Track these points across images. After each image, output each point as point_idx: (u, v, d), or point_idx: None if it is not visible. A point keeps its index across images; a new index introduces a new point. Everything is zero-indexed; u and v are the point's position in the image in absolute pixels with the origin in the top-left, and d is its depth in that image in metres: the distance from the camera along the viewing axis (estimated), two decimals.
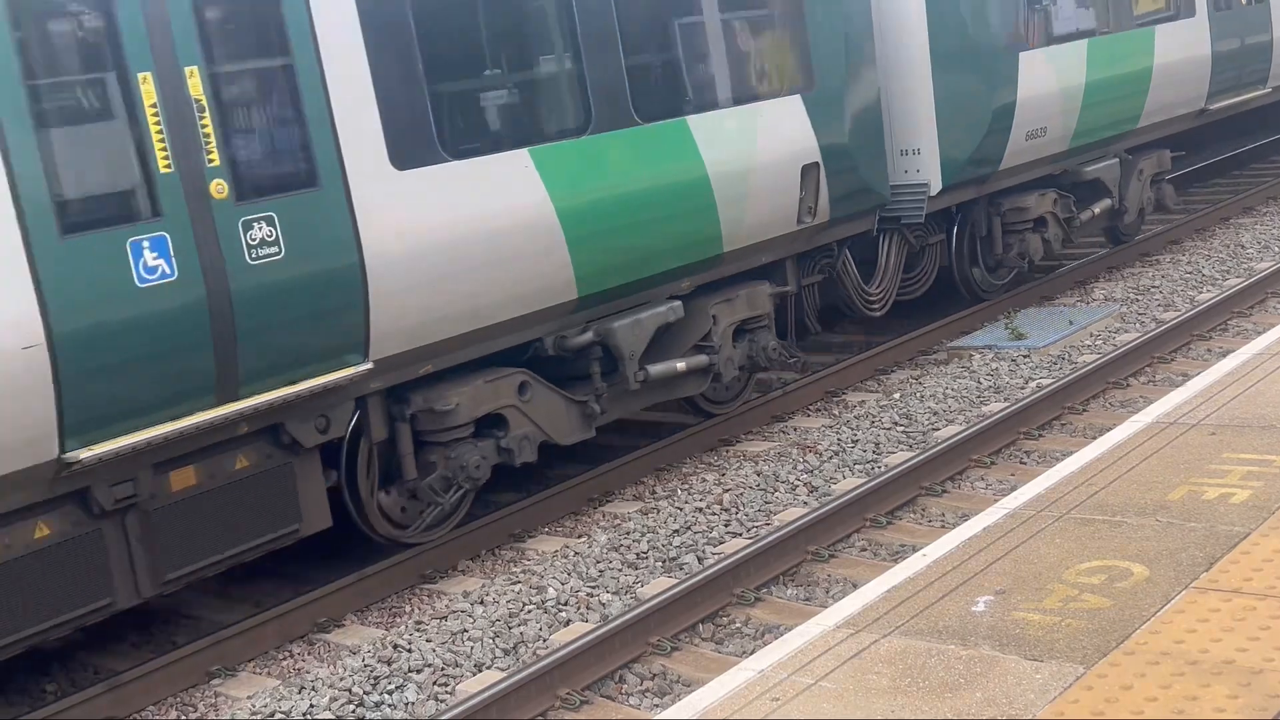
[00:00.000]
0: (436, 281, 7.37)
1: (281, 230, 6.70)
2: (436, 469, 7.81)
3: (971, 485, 8.67)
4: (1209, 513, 4.98)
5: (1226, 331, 11.12)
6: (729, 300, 9.51)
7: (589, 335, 8.54)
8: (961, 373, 10.88)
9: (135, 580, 6.51)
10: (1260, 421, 5.91)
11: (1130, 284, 12.99)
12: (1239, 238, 14.39)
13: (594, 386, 8.66)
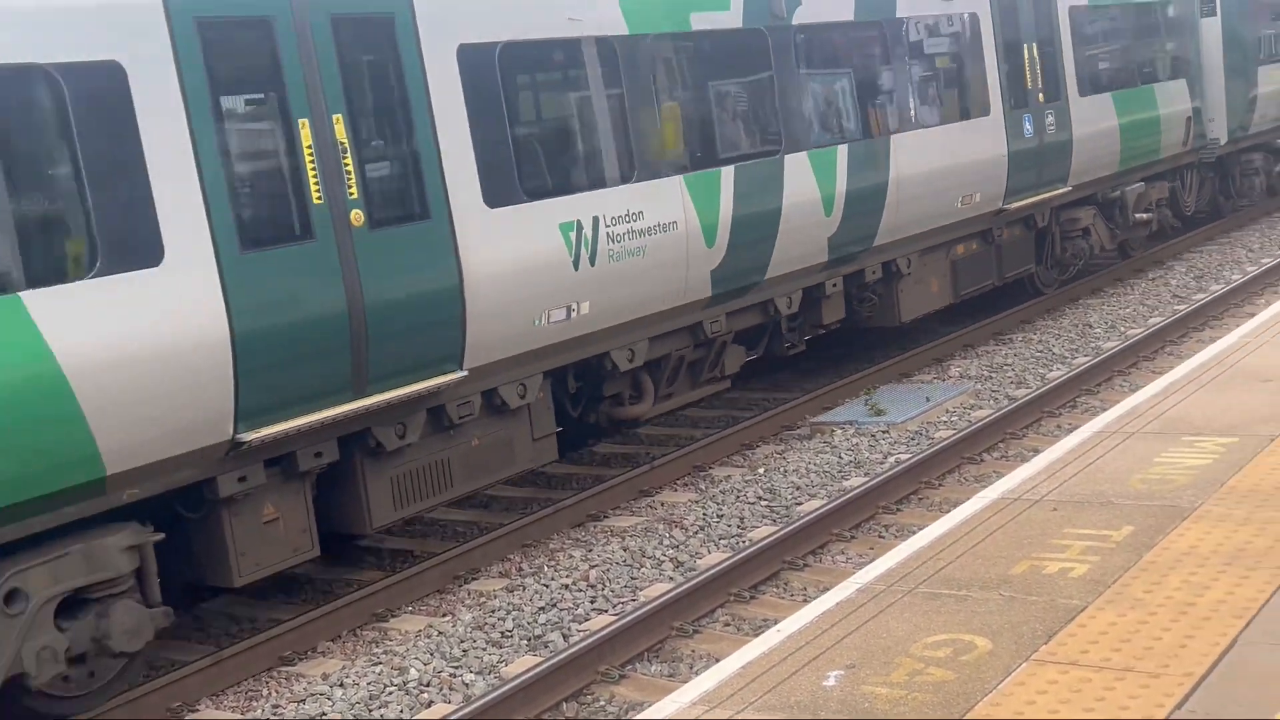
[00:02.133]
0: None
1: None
2: None
3: (833, 559, 8.84)
4: (1049, 586, 5.18)
5: (1075, 408, 11.55)
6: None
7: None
8: (824, 448, 11.11)
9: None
10: (1099, 498, 6.17)
11: (984, 361, 13.43)
12: (1087, 317, 14.99)
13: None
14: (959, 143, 13.28)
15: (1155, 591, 5.00)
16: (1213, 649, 4.48)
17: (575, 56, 9.47)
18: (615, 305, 9.64)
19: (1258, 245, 18.44)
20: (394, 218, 8.07)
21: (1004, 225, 14.48)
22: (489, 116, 8.73)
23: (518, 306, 8.83)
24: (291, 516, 7.94)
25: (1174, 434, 7.02)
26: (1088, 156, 15.43)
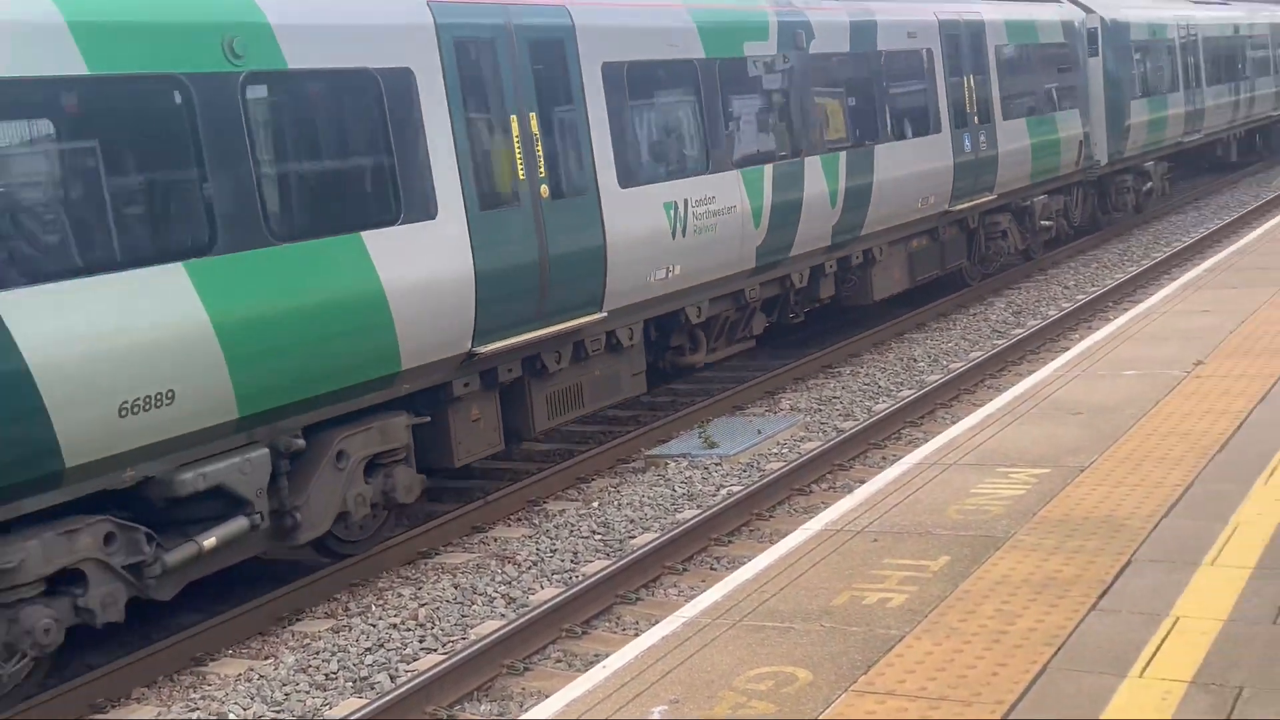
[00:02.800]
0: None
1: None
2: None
3: (665, 592, 8.86)
4: (869, 617, 5.27)
5: (899, 440, 11.83)
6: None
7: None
8: (658, 481, 11.16)
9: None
10: (918, 528, 6.31)
11: (814, 394, 13.69)
12: (912, 351, 15.40)
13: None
14: (920, 153, 16.05)
15: (970, 620, 5.13)
16: (1023, 676, 4.61)
17: (673, 74, 12.29)
18: (695, 269, 12.26)
19: (1072, 283, 19.23)
20: (565, 192, 10.67)
21: (947, 225, 17.23)
22: (620, 117, 11.37)
23: (637, 265, 11.42)
24: (488, 418, 10.36)
25: (990, 465, 7.24)
26: (1008, 170, 18.38)
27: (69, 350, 7.04)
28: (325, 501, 8.73)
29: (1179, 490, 6.40)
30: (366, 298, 8.73)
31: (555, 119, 10.67)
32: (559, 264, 10.43)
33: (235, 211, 8.01)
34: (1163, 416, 7.78)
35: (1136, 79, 22.88)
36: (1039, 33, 19.83)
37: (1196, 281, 12.52)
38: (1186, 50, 25.79)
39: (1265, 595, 5.07)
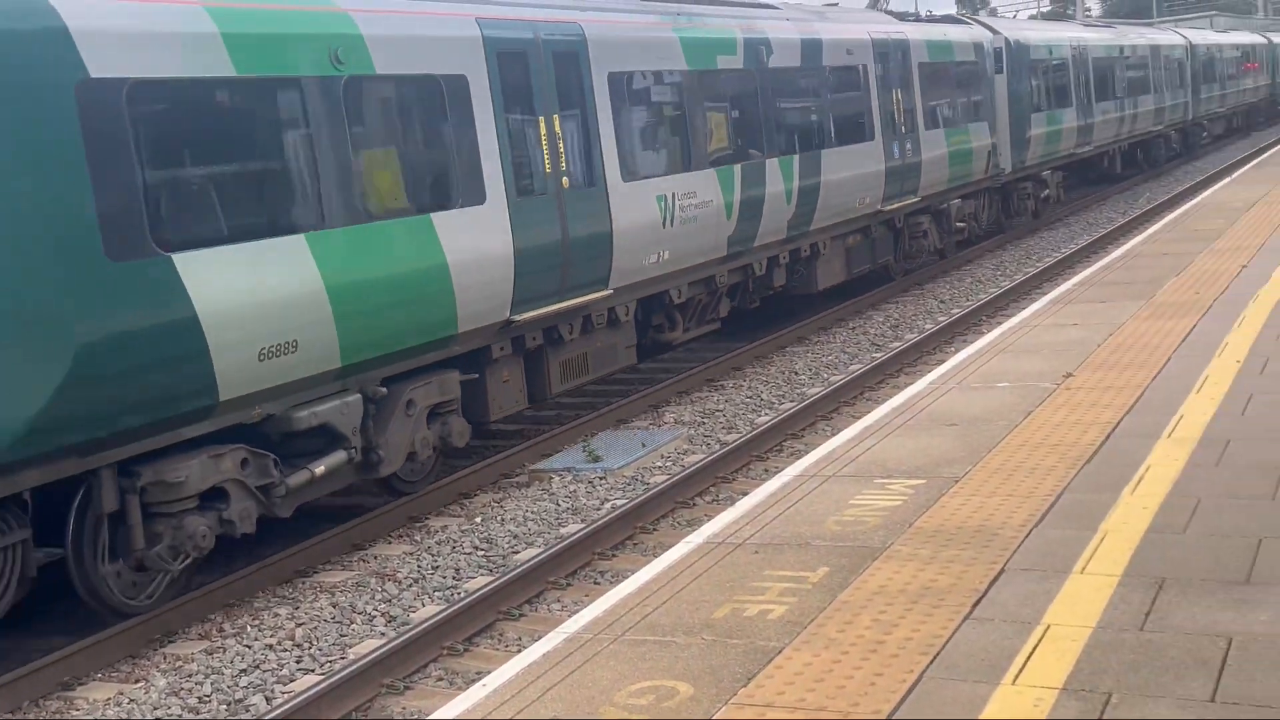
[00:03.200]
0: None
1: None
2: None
3: (548, 608, 8.81)
4: (749, 629, 5.29)
5: (781, 452, 11.94)
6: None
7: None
8: (542, 495, 11.11)
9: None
10: (797, 540, 6.36)
11: (698, 408, 13.76)
12: (793, 365, 15.57)
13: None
14: (858, 159, 17.78)
15: (848, 630, 5.18)
16: (900, 686, 4.66)
17: (662, 83, 13.97)
18: (680, 255, 13.86)
19: (948, 296, 19.63)
20: (581, 183, 12.24)
21: (878, 224, 19.03)
22: (622, 119, 12.97)
23: (636, 249, 13.03)
24: (515, 380, 11.91)
25: (868, 476, 7.33)
26: (929, 175, 20.17)
27: (226, 303, 8.53)
28: (399, 442, 10.35)
29: (1050, 500, 6.54)
30: (435, 269, 10.37)
31: (571, 121, 12.33)
32: (576, 246, 12.14)
33: (340, 193, 9.61)
34: (1034, 428, 7.95)
35: (1036, 95, 25.13)
36: (954, 52, 21.79)
37: (1066, 296, 12.85)
38: (1078, 69, 28.07)
39: (1132, 602, 5.20)
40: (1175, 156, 39.02)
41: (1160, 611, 5.07)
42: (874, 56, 18.67)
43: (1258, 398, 8.05)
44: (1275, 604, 5.03)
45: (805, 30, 17.12)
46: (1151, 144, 36.17)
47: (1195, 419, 7.71)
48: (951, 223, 21.67)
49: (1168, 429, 7.57)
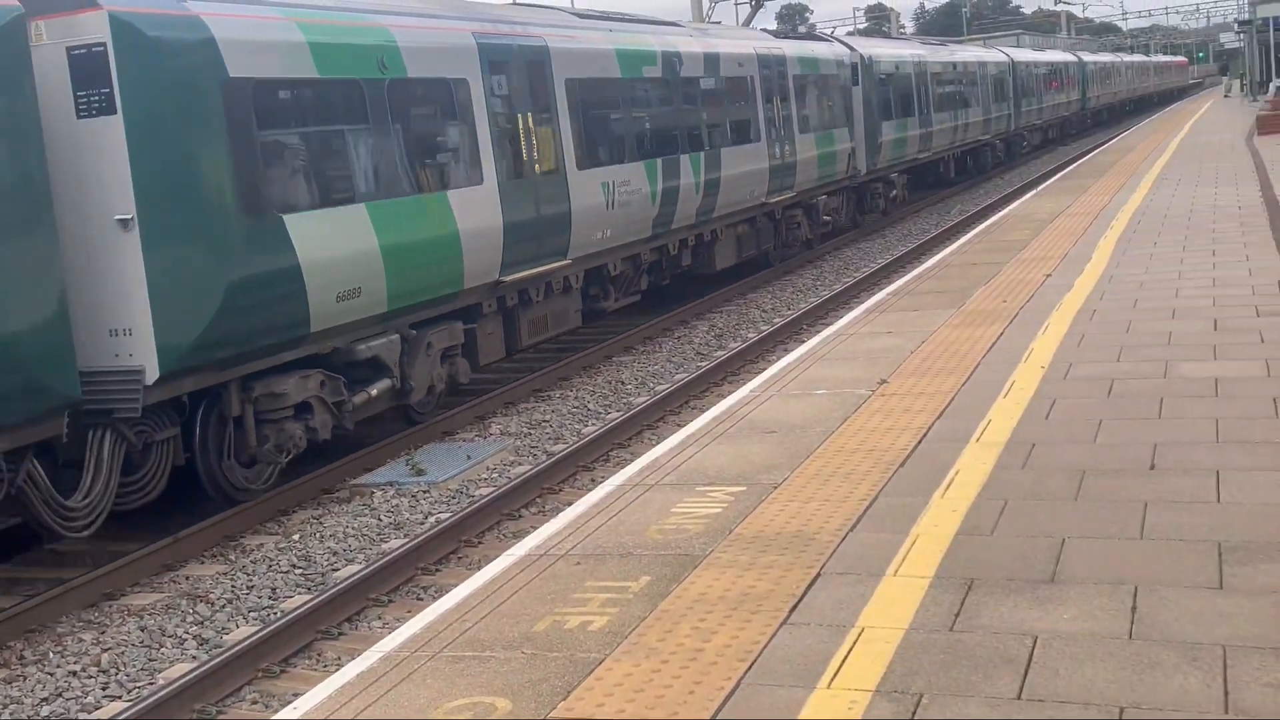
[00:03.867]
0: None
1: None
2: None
3: (369, 625, 8.63)
4: (570, 641, 5.24)
5: (608, 462, 11.95)
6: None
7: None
8: (363, 510, 10.89)
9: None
10: (620, 549, 6.35)
11: (524, 419, 13.68)
12: (620, 375, 15.62)
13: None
14: (748, 157, 20.67)
15: (668, 639, 5.18)
16: (718, 693, 4.68)
17: (603, 87, 16.53)
18: (618, 233, 16.43)
19: (770, 306, 19.96)
20: (547, 171, 14.71)
21: (762, 215, 21.68)
22: (577, 119, 15.49)
23: (588, 227, 15.54)
24: (496, 334, 14.21)
25: (690, 484, 7.37)
26: (803, 174, 23.09)
27: (317, 255, 10.88)
28: (423, 376, 12.67)
29: (865, 504, 6.67)
30: (450, 236, 12.80)
31: (541, 117, 14.80)
32: (545, 222, 14.60)
33: (387, 172, 12.08)
34: (850, 433, 8.11)
35: (886, 105, 28.51)
36: (820, 66, 24.91)
37: (881, 305, 13.17)
38: (920, 83, 31.78)
39: (943, 603, 5.32)
40: (1000, 163, 42.79)
41: (969, 612, 5.20)
42: (759, 69, 21.57)
43: (1060, 402, 8.36)
44: (1078, 602, 5.20)
45: (706, 45, 19.95)
46: (980, 151, 39.88)
47: (1002, 423, 7.97)
48: (820, 216, 24.63)
49: (976, 433, 7.80)
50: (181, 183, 9.77)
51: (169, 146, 9.70)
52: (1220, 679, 4.44)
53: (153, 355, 9.55)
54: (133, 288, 9.54)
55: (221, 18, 10.25)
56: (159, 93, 9.64)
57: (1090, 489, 6.56)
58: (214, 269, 9.93)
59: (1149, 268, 13.56)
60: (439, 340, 12.93)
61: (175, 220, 9.70)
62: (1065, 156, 45.31)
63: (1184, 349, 9.50)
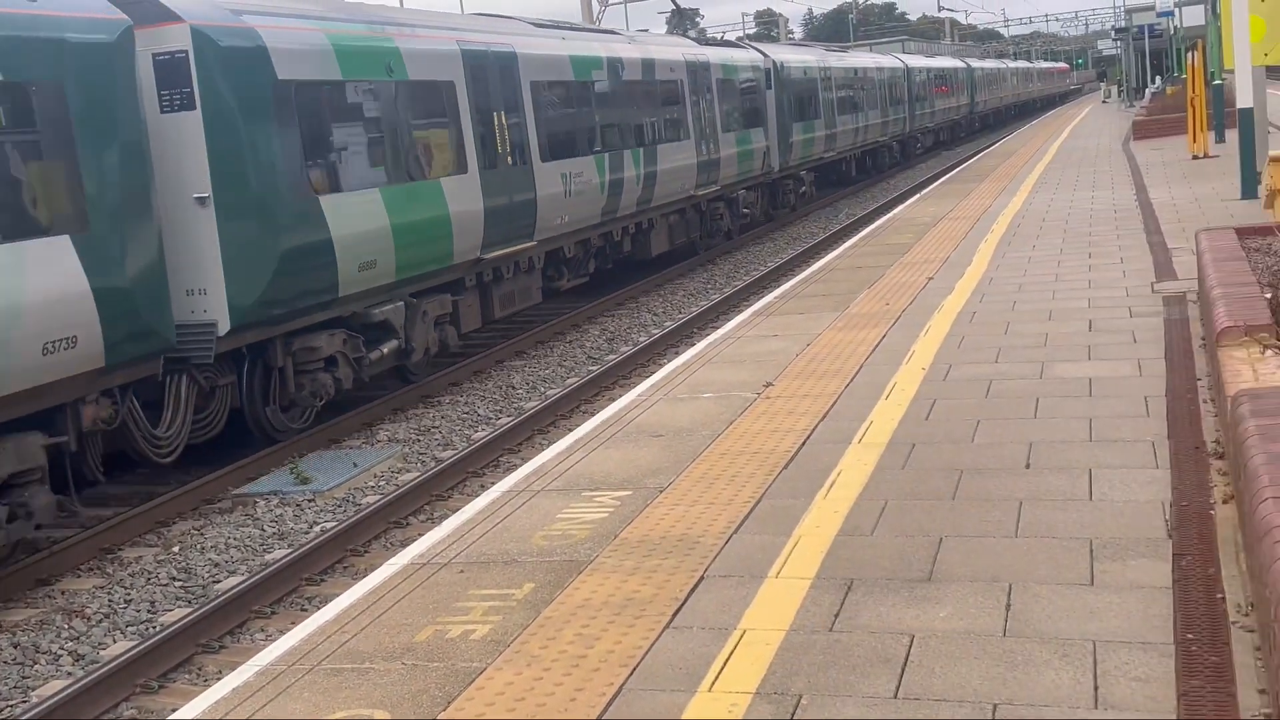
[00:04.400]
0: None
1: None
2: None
3: (251, 638, 8.47)
4: (451, 651, 5.20)
5: (498, 468, 11.88)
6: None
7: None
8: (245, 521, 10.69)
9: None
10: (504, 557, 6.31)
11: (413, 425, 13.54)
12: (511, 379, 15.54)
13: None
14: (680, 153, 22.79)
15: (550, 647, 5.16)
16: (600, 699, 4.67)
17: (562, 89, 18.58)
18: (574, 220, 18.41)
19: (661, 310, 20.03)
20: (516, 162, 16.54)
21: (690, 207, 23.87)
22: (541, 117, 17.46)
23: (550, 212, 17.46)
24: (474, 306, 15.99)
25: (576, 490, 7.35)
26: (726, 169, 25.28)
27: (344, 231, 12.81)
28: (421, 339, 14.55)
29: (749, 506, 6.71)
30: (443, 218, 14.70)
31: (512, 114, 16.67)
32: (516, 207, 16.49)
33: (395, 161, 14.02)
34: (736, 436, 8.16)
35: (796, 108, 30.80)
36: (739, 71, 26.98)
37: (768, 308, 13.29)
38: (825, 88, 34.07)
39: (823, 604, 5.37)
40: (896, 164, 45.26)
41: (849, 612, 5.26)
42: (687, 73, 23.79)
43: (940, 403, 8.51)
44: (954, 600, 5.29)
45: (643, 52, 22.23)
46: (879, 152, 42.44)
47: (884, 424, 8.08)
48: (739, 209, 26.80)
49: (858, 435, 7.90)
50: (246, 167, 11.68)
51: (235, 136, 11.58)
52: (1090, 674, 4.55)
53: (224, 311, 11.40)
54: (208, 254, 11.39)
55: (270, 29, 12.26)
56: (227, 92, 11.54)
57: (968, 488, 6.68)
58: (271, 240, 11.87)
59: (1027, 271, 13.87)
60: (432, 309, 14.83)
61: (242, 198, 11.62)
62: (949, 161, 46.25)
63: (1060, 350, 9.73)
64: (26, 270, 9.26)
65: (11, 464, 9.34)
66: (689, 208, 23.80)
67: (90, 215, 9.95)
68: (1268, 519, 4.64)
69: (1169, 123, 35.83)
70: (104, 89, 10.16)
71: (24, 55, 9.46)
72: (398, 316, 13.88)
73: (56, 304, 9.51)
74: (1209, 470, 6.55)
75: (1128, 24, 67.62)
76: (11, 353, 9.11)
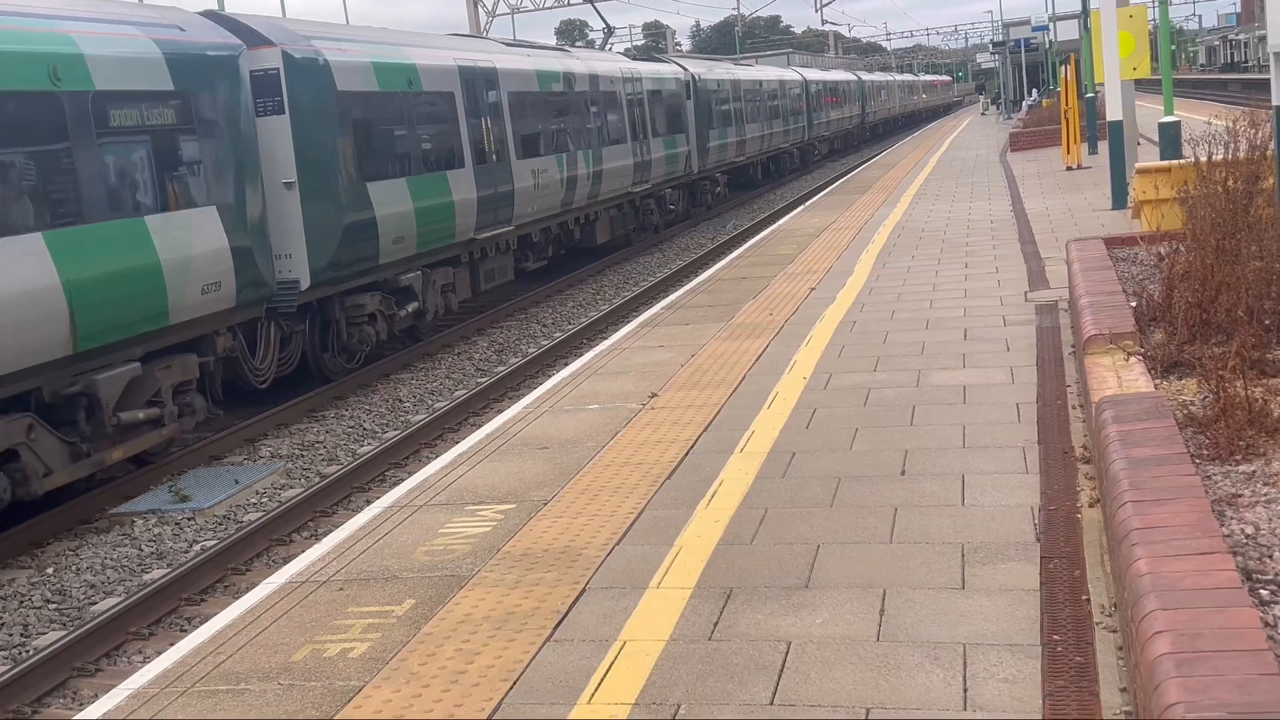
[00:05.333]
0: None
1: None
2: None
3: (129, 660, 8.30)
4: (329, 669, 5.15)
5: (384, 482, 11.76)
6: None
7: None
8: (123, 540, 10.45)
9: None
10: (385, 573, 6.27)
11: (297, 440, 13.36)
12: (398, 392, 15.41)
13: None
14: (620, 155, 26.22)
15: (430, 663, 5.14)
16: (480, 715, 4.66)
17: (531, 98, 21.59)
18: (540, 209, 21.42)
19: (550, 321, 20.02)
20: (499, 159, 19.55)
21: (627, 202, 27.19)
22: (516, 121, 20.45)
23: (524, 202, 20.39)
24: (465, 279, 18.80)
25: (459, 504, 7.33)
26: (655, 170, 28.76)
27: (384, 211, 15.71)
28: (432, 302, 17.49)
29: (631, 518, 6.76)
30: (448, 204, 17.67)
31: (495, 119, 19.71)
32: (499, 197, 19.46)
33: (414, 156, 17.04)
34: (620, 448, 8.21)
35: (711, 116, 34.24)
36: (664, 83, 30.67)
37: (655, 319, 13.38)
38: (736, 98, 37.44)
39: (703, 614, 5.43)
40: (797, 169, 48.84)
41: (728, 621, 5.33)
42: (624, 85, 27.28)
43: (820, 411, 8.65)
44: (830, 606, 5.39)
45: (589, 67, 25.54)
46: (782, 158, 46.34)
47: (765, 434, 8.19)
48: (666, 205, 30.43)
49: (740, 444, 7.99)
50: (319, 158, 14.77)
51: (311, 135, 14.68)
52: (960, 676, 4.66)
53: (305, 272, 14.40)
54: (293, 227, 14.38)
55: (331, 50, 15.44)
56: (305, 100, 14.65)
57: (845, 496, 6.81)
58: (337, 217, 14.96)
59: (906, 280, 14.15)
60: (440, 279, 17.88)
61: (317, 183, 14.70)
62: (834, 173, 47.04)
63: (936, 358, 9.96)
64: (191, 231, 12.41)
65: (179, 375, 12.35)
66: (626, 203, 27.16)
67: (227, 192, 13.07)
68: (1127, 522, 4.81)
69: (1044, 135, 36.83)
70: (231, 97, 13.31)
71: (184, 71, 12.51)
72: (418, 283, 16.90)
73: (210, 256, 12.61)
74: (1077, 475, 6.76)
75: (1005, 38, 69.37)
76: (186, 293, 12.19)
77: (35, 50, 10.54)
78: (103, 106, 11.28)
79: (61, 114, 10.73)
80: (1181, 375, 7.32)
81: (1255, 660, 3.59)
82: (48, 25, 10.93)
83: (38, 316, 10.22)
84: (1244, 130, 10.45)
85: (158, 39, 12.31)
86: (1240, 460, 5.77)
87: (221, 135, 12.93)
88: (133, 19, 12.38)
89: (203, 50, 12.92)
